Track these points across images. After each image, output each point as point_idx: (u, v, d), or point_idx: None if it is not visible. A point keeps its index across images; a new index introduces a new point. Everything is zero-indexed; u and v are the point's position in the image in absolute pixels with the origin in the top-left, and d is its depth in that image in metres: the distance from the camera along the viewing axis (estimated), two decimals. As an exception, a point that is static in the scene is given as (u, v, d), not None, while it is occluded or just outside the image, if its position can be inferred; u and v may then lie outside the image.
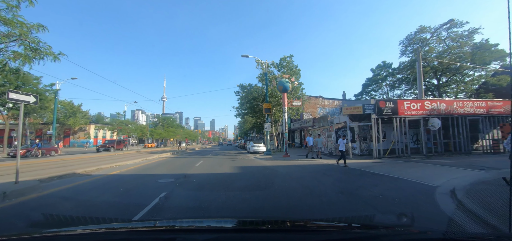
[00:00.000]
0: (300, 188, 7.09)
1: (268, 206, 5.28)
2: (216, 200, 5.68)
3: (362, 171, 10.55)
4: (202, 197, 6.15)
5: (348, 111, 15.95)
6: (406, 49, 38.41)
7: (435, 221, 4.11)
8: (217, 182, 8.42)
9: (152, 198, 5.80)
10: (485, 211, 4.21)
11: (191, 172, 10.98)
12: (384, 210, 4.81)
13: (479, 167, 10.27)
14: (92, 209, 5.18)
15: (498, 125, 17.81)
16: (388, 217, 4.52)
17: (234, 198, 5.88)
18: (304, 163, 14.60)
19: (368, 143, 17.73)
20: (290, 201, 5.71)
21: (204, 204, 5.35)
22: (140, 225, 2.32)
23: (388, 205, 5.21)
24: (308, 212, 4.86)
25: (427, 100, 16.43)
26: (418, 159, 14.74)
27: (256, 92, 26.04)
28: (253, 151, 25.69)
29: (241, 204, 5.38)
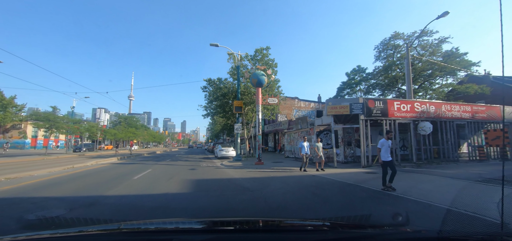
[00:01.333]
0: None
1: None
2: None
3: (361, 187, 7.80)
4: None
5: (333, 111, 13.43)
6: (380, 54, 38.20)
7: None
8: (139, 215, 4.88)
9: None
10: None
11: (115, 192, 7.20)
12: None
13: (486, 179, 8.21)
14: None
15: (482, 130, 16.85)
16: (384, 217, 4.51)
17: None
18: (281, 173, 11.57)
19: (353, 148, 15.42)
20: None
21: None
22: (135, 226, 2.03)
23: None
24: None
25: (417, 102, 14.68)
26: (410, 167, 12.69)
27: (226, 88, 22.61)
28: (220, 156, 22.24)
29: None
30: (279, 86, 21.94)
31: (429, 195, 6.40)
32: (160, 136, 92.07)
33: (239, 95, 19.82)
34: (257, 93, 15.80)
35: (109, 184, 8.56)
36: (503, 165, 2.41)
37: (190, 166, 15.49)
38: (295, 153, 19.56)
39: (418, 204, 5.58)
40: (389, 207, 5.51)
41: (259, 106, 15.63)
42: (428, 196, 6.28)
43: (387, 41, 36.58)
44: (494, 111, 17.50)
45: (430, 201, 5.74)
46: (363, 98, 13.43)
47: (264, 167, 13.90)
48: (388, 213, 4.98)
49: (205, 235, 1.60)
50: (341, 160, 15.20)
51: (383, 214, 4.94)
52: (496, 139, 15.80)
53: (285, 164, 15.32)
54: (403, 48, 35.59)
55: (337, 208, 5.53)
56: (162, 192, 7.23)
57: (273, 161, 17.95)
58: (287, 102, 32.36)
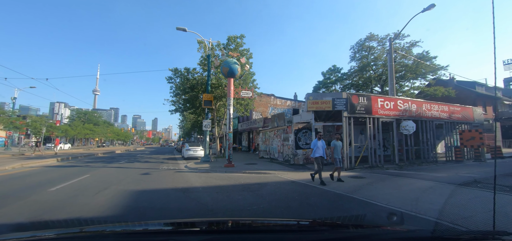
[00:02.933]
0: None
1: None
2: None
3: (358, 201, 6.11)
4: None
5: (314, 107, 11.83)
6: (355, 55, 38.31)
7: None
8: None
9: None
10: None
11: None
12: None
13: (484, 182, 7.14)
14: None
15: (458, 131, 16.65)
16: (378, 217, 4.51)
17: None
18: (254, 178, 9.59)
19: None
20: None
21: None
22: (131, 228, 1.94)
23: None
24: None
25: (400, 99, 13.77)
26: (393, 170, 11.59)
27: (195, 80, 20.01)
28: (187, 156, 19.71)
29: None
30: (254, 80, 20.00)
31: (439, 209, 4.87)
32: (125, 134, 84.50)
33: (209, 88, 17.45)
34: (229, 85, 13.64)
35: (4, 200, 5.82)
36: (495, 166, 2.39)
37: (146, 169, 12.82)
38: (270, 153, 17.79)
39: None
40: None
41: (231, 99, 13.49)
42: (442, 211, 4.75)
43: (363, 42, 36.71)
44: (467, 112, 17.49)
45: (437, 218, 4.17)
46: (347, 93, 12.05)
47: (234, 170, 11.82)
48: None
49: (202, 235, 1.59)
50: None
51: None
52: (471, 139, 15.62)
53: (260, 166, 13.41)
54: (376, 51, 36.04)
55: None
56: (72, 215, 4.78)
57: (246, 162, 15.94)
58: (262, 99, 30.62)
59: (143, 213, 5.06)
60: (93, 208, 5.31)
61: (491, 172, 10.44)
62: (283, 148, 15.42)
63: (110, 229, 1.79)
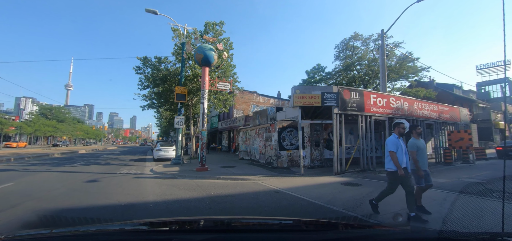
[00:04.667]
0: None
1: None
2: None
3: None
4: None
5: (301, 102, 10.24)
6: (339, 54, 37.76)
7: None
8: None
9: None
10: None
11: None
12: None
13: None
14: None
15: (446, 132, 15.98)
16: (384, 217, 4.36)
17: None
18: (228, 188, 7.78)
19: (321, 149, 12.59)
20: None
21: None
22: (136, 226, 1.98)
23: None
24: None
25: (392, 97, 12.65)
26: (385, 174, 10.34)
27: (167, 71, 17.70)
28: (158, 157, 17.46)
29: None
30: (235, 73, 18.09)
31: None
32: (97, 132, 78.25)
33: (183, 80, 15.33)
34: (203, 74, 11.67)
35: None
36: (504, 166, 2.21)
37: (98, 174, 10.52)
38: (251, 154, 16.04)
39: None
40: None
41: (205, 91, 11.52)
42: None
43: (347, 41, 36.20)
44: (455, 113, 16.97)
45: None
46: (338, 87, 10.60)
47: (207, 175, 9.90)
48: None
49: (206, 234, 1.55)
50: (307, 164, 12.21)
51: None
52: (460, 140, 14.97)
53: (237, 170, 11.60)
54: (360, 51, 35.68)
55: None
56: None
57: (223, 164, 14.04)
58: (244, 97, 28.81)
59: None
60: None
61: (493, 176, 9.49)
62: (265, 148, 13.72)
63: (115, 227, 1.86)
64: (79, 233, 1.63)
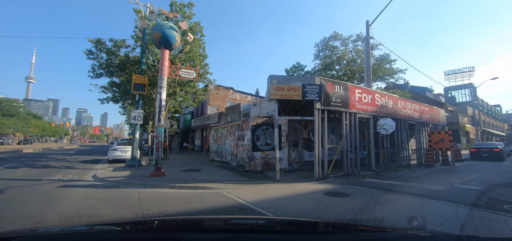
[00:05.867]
0: None
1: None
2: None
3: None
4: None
5: (279, 94, 8.61)
6: (319, 53, 37.23)
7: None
8: None
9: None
10: None
11: None
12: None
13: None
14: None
15: (427, 132, 15.42)
16: (398, 220, 4.26)
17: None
18: (180, 204, 5.89)
19: (300, 151, 11.09)
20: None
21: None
22: (147, 225, 1.98)
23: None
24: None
25: (377, 93, 11.55)
26: (372, 178, 9.15)
27: (126, 57, 15.13)
28: (113, 158, 14.94)
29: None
30: (207, 64, 16.00)
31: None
32: (56, 129, 70.41)
33: (143, 66, 12.99)
34: (161, 58, 9.55)
35: None
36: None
37: (16, 181, 8.03)
38: (222, 155, 14.14)
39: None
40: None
41: (163, 79, 9.41)
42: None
43: (327, 41, 35.71)
44: (434, 113, 16.58)
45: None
46: (321, 78, 9.13)
47: (160, 182, 7.86)
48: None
49: (216, 234, 1.56)
50: (285, 167, 10.65)
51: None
52: (440, 141, 14.46)
53: (202, 174, 9.68)
54: (339, 51, 35.38)
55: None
56: None
57: (188, 167, 12.00)
58: (220, 92, 26.74)
59: None
60: None
61: (484, 180, 8.63)
62: (237, 149, 11.92)
63: (128, 224, 1.86)
64: (92, 230, 1.63)
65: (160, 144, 9.24)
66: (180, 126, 36.23)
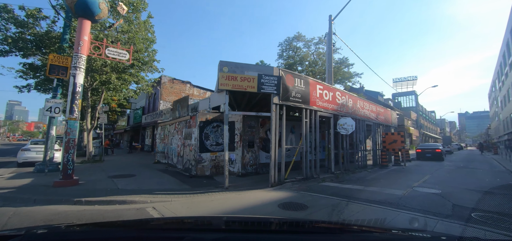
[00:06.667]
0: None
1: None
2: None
3: None
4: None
5: (230, 85, 7.17)
6: (282, 53, 37.04)
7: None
8: None
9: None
10: None
11: None
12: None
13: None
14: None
15: (381, 133, 15.69)
16: (399, 222, 4.21)
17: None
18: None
19: (256, 152, 9.80)
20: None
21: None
22: (149, 225, 1.96)
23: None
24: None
25: (338, 91, 10.94)
26: (331, 182, 8.38)
27: (46, 33, 11.95)
28: (22, 161, 12.04)
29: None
30: (155, 51, 13.67)
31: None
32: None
33: (64, 44, 10.27)
34: (78, 30, 7.26)
35: None
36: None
37: None
38: (169, 156, 12.12)
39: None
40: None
41: (80, 57, 7.15)
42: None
43: (290, 41, 35.67)
44: (388, 115, 17.08)
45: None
46: (280, 69, 7.95)
47: (65, 195, 5.71)
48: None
49: (218, 234, 1.54)
50: (238, 171, 9.25)
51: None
52: (393, 142, 14.79)
53: (132, 182, 7.68)
54: (302, 52, 35.64)
55: None
56: None
57: (120, 172, 9.75)
58: (175, 87, 24.17)
59: None
60: None
61: (439, 181, 8.49)
62: (184, 149, 10.11)
63: (125, 224, 1.87)
64: (93, 229, 1.63)
65: (71, 143, 6.95)
66: (130, 123, 32.27)
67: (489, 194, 6.51)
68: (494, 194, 6.67)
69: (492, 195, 6.44)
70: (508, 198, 6.20)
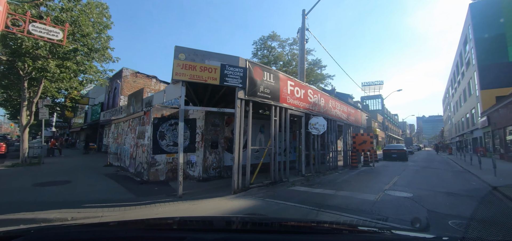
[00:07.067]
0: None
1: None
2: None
3: None
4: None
5: (188, 74, 6.09)
6: (257, 52, 36.42)
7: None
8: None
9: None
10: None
11: None
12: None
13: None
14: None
15: (351, 134, 15.67)
16: (401, 222, 4.20)
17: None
18: None
19: (220, 153, 8.79)
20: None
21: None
22: (151, 225, 1.81)
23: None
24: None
25: (310, 89, 10.39)
26: (302, 186, 7.75)
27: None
28: None
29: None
30: (109, 37, 11.88)
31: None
32: None
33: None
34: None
35: None
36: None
37: None
38: (121, 158, 10.54)
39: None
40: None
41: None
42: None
43: (265, 40, 35.25)
44: (358, 116, 17.20)
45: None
46: (247, 60, 7.06)
47: None
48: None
49: (219, 234, 1.49)
50: (198, 175, 8.16)
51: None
52: (363, 143, 14.82)
53: (63, 191, 6.21)
54: (276, 52, 35.35)
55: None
56: None
57: (54, 178, 8.06)
58: (138, 81, 22.04)
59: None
60: None
61: (409, 183, 8.30)
62: (136, 150, 8.71)
63: (126, 224, 1.81)
64: (94, 229, 1.59)
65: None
66: (88, 120, 28.99)
67: (458, 197, 6.34)
68: (461, 195, 6.54)
69: (461, 198, 6.27)
70: (477, 201, 6.05)
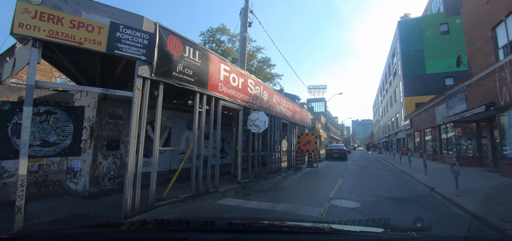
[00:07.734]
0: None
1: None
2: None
3: None
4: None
5: (46, 30, 3.68)
6: (204, 44, 33.77)
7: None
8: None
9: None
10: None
11: None
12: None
13: None
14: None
15: (296, 134, 14.94)
16: (404, 221, 4.08)
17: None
18: None
19: (121, 156, 6.35)
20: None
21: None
22: (153, 225, 1.86)
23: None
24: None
25: (251, 78, 8.80)
26: (235, 197, 6.09)
27: None
28: None
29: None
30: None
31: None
32: None
33: None
34: None
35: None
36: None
37: None
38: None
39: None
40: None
41: None
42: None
43: (214, 32, 32.97)
44: (303, 115, 16.69)
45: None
46: (157, 24, 4.92)
47: None
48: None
49: (221, 234, 1.48)
50: (83, 189, 5.60)
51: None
52: (307, 143, 14.23)
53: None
54: (225, 46, 33.42)
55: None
56: None
57: None
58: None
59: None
60: None
61: (354, 188, 7.49)
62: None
63: (128, 224, 1.83)
64: (97, 230, 1.62)
65: None
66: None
67: (405, 203, 5.61)
68: (407, 200, 5.90)
69: (408, 204, 5.55)
70: (423, 206, 5.38)
